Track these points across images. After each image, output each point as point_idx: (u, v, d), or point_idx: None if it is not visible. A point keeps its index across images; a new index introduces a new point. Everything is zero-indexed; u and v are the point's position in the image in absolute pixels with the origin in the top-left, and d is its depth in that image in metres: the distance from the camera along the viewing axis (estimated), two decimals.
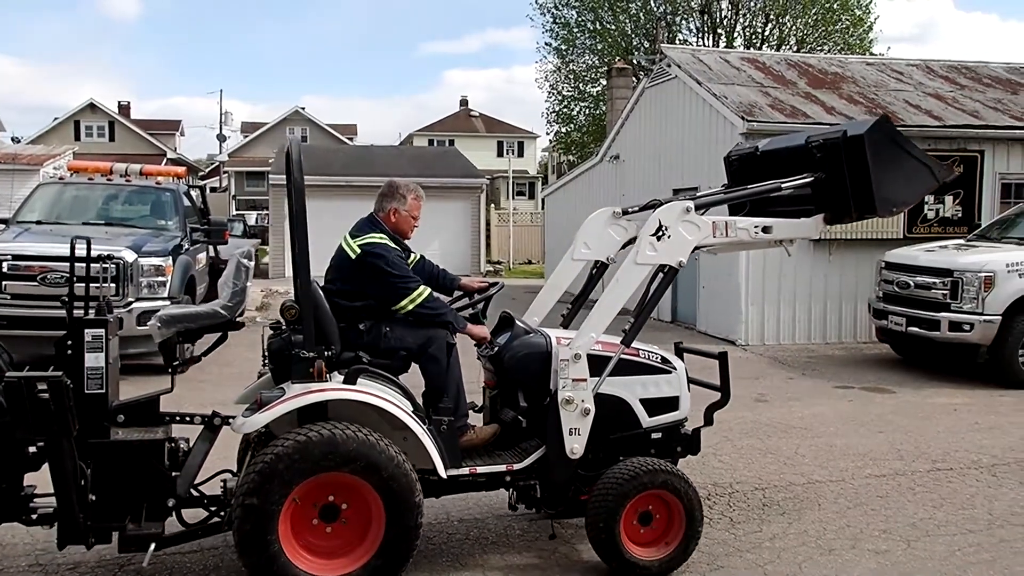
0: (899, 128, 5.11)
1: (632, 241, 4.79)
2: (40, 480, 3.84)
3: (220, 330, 4.23)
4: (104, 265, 5.02)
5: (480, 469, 4.14)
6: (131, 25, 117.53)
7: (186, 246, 9.97)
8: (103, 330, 3.74)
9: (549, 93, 35.20)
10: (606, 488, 4.05)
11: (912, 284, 9.54)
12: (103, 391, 3.74)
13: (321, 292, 4.12)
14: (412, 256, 4.67)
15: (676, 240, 4.31)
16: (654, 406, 4.38)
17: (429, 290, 4.27)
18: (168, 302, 8.66)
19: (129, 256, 8.64)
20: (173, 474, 3.93)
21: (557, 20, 33.86)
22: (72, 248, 3.97)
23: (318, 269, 3.95)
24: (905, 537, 4.80)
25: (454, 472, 4.03)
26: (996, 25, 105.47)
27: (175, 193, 10.78)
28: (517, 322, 4.56)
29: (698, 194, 4.83)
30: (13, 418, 3.45)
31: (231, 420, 4.03)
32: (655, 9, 32.23)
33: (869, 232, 11.44)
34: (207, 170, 50.47)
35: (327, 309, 4.08)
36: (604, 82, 26.37)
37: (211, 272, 11.57)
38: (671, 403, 4.43)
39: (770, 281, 11.70)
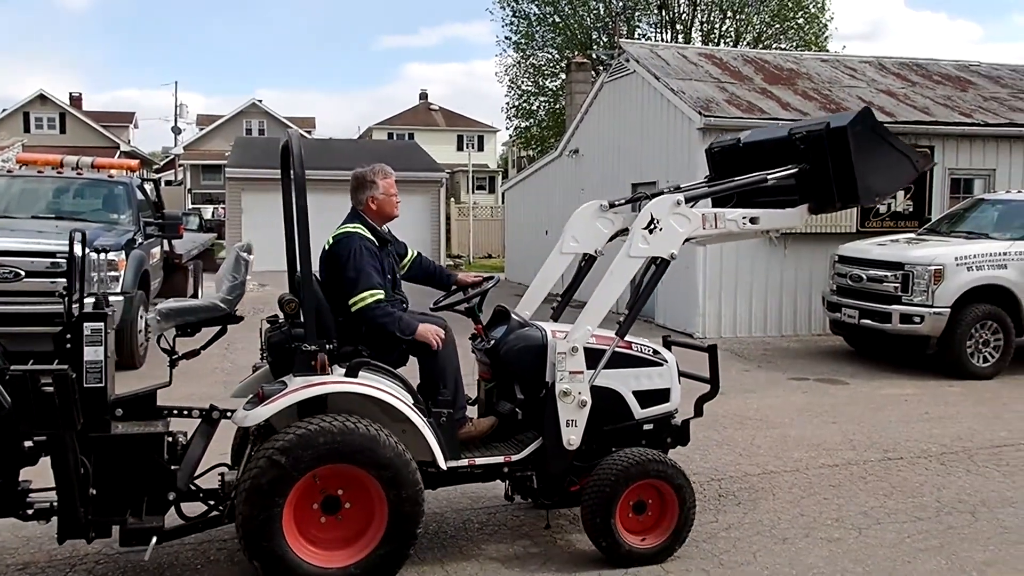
0: None
1: (619, 233, 4.89)
2: (33, 474, 3.80)
3: (219, 323, 4.23)
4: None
5: (479, 461, 4.19)
6: (82, 16, 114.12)
7: (140, 240, 9.75)
8: (102, 324, 3.72)
9: (509, 87, 34.84)
10: (605, 475, 4.13)
11: (864, 277, 9.74)
12: (103, 385, 3.72)
13: (319, 286, 4.14)
14: (410, 253, 4.71)
15: (667, 232, 4.38)
16: (646, 398, 4.46)
17: (382, 295, 4.14)
18: (121, 297, 8.54)
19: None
20: (172, 468, 3.92)
21: (517, 14, 33.72)
22: (71, 242, 3.94)
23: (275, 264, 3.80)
24: (856, 525, 4.88)
25: (453, 464, 4.09)
26: (944, 23, 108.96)
27: (128, 186, 10.56)
28: (512, 315, 4.62)
29: (685, 186, 4.89)
30: (17, 412, 3.42)
31: (229, 413, 4.05)
32: (614, 3, 32.38)
33: (823, 226, 11.48)
34: (162, 163, 49.04)
35: (324, 302, 4.10)
36: (563, 76, 26.41)
37: (166, 267, 11.38)
38: (662, 395, 4.51)
39: (727, 274, 11.80)
